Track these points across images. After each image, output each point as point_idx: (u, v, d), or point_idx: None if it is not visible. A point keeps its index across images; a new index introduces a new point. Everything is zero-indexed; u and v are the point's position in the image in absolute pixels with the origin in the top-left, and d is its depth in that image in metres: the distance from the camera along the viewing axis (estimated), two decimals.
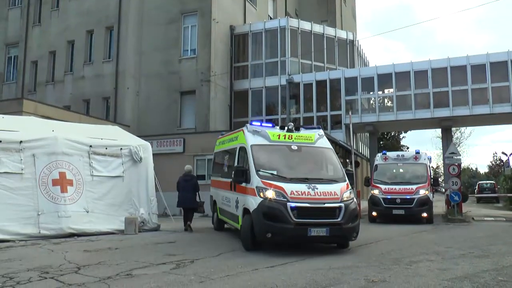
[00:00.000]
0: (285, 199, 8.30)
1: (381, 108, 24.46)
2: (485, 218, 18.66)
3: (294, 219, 8.15)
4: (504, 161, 34.63)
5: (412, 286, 6.00)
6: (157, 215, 13.50)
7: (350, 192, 8.82)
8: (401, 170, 16.73)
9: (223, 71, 24.29)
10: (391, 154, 17.50)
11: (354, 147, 23.96)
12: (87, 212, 11.70)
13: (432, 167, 19.20)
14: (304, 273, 6.80)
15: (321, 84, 24.68)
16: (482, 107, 22.22)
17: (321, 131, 10.11)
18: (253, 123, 10.07)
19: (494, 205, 32.75)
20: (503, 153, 32.36)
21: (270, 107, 25.20)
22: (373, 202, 15.80)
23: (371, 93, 24.79)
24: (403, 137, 44.55)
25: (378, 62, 70.94)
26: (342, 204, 8.46)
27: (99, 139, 12.80)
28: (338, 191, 8.60)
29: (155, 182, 13.56)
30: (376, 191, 15.81)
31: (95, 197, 12.06)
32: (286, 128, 9.72)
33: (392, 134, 45.45)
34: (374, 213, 15.75)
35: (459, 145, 49.42)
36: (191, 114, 23.48)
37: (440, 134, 30.71)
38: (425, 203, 15.04)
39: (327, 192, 8.50)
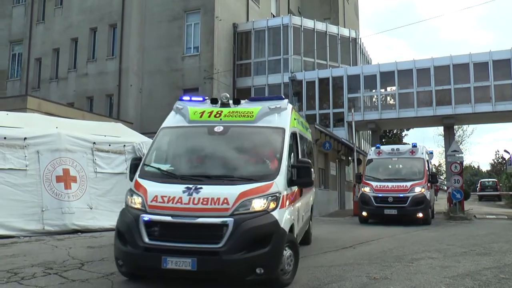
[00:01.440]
0: (142, 209, 5.53)
1: (383, 106, 24.52)
2: (487, 216, 18.76)
3: (145, 241, 5.28)
4: (506, 159, 34.66)
5: (414, 284, 5.99)
6: None
7: (268, 198, 5.47)
8: (395, 166, 15.59)
9: (226, 69, 24.38)
10: (386, 148, 16.20)
11: (357, 145, 24.06)
12: (91, 208, 11.67)
13: (432, 163, 18.45)
14: (306, 270, 6.77)
15: (323, 81, 24.77)
16: (484, 105, 22.24)
17: (279, 103, 6.71)
18: (183, 97, 7.18)
19: (496, 203, 32.94)
20: (505, 151, 32.42)
21: None
22: (363, 200, 14.48)
23: (374, 90, 24.84)
24: (405, 135, 44.66)
25: (381, 60, 70.93)
26: (230, 220, 5.16)
27: (102, 136, 12.79)
28: (233, 198, 5.29)
29: None
30: (367, 189, 14.51)
31: (99, 193, 12.04)
32: (219, 101, 6.68)
33: (395, 132, 45.49)
34: (364, 213, 14.47)
35: (461, 143, 49.58)
36: None
37: (442, 132, 30.81)
38: (421, 202, 13.77)
39: (212, 200, 5.31)
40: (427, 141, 71.14)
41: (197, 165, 6.36)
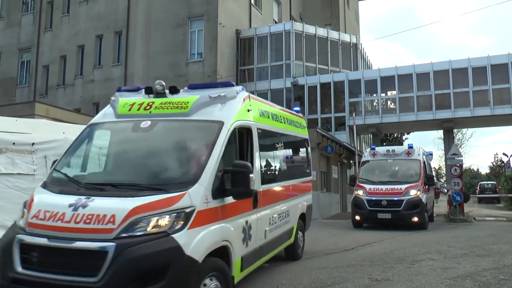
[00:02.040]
0: (22, 227, 4.40)
1: (384, 110, 24.77)
2: (487, 218, 18.78)
3: (16, 270, 4.09)
4: (505, 162, 34.85)
5: (415, 285, 6.05)
6: None
7: (172, 215, 4.14)
8: (391, 167, 14.85)
9: (229, 74, 24.71)
10: (381, 150, 15.54)
11: (358, 148, 24.37)
12: None
13: (429, 164, 17.66)
14: (309, 271, 6.88)
15: (325, 86, 25.04)
16: (483, 108, 22.42)
17: (223, 91, 5.40)
18: (122, 88, 6.13)
19: (495, 205, 32.92)
20: (504, 154, 32.57)
21: None
22: (356, 204, 13.82)
23: (374, 95, 25.10)
24: (406, 138, 44.86)
25: (380, 65, 71.12)
26: (111, 245, 3.88)
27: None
28: (122, 215, 4.00)
29: None
30: (360, 192, 13.88)
31: None
32: (155, 91, 5.51)
33: (395, 135, 45.71)
34: (357, 217, 13.85)
35: (460, 146, 49.75)
36: None
37: (442, 136, 30.93)
38: (416, 205, 13.10)
39: (96, 217, 4.04)
40: (427, 144, 71.10)
41: (110, 170, 5.35)
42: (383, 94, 25.18)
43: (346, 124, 24.55)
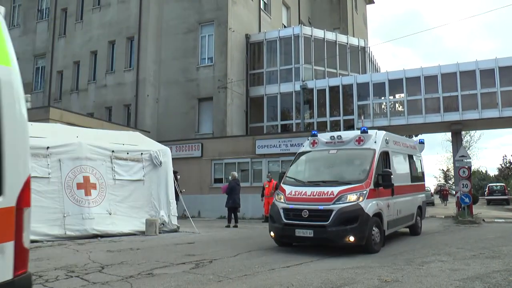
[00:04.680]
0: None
1: (392, 113, 24.84)
2: (496, 220, 18.85)
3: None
4: None
5: (424, 286, 6.05)
6: (177, 217, 13.90)
7: None
8: (331, 161, 10.45)
9: (239, 78, 25.05)
10: (324, 136, 11.03)
11: None
12: (110, 214, 12.06)
13: (418, 157, 13.73)
14: (319, 272, 6.92)
15: (334, 89, 25.16)
16: (491, 111, 22.38)
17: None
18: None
19: (504, 207, 32.89)
20: None
21: (285, 112, 25.79)
22: (271, 215, 9.75)
23: (383, 98, 25.22)
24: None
25: (387, 68, 71.07)
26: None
27: (120, 144, 13.17)
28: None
29: (175, 185, 13.99)
30: (280, 197, 9.72)
31: (117, 200, 12.40)
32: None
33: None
34: (271, 233, 9.73)
35: (469, 148, 49.49)
36: (208, 119, 24.29)
37: (450, 138, 30.91)
38: (352, 218, 8.73)
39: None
40: (435, 146, 70.96)
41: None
42: (391, 97, 25.28)
43: (355, 127, 24.60)
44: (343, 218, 8.70)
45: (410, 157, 12.57)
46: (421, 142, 14.07)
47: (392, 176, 9.61)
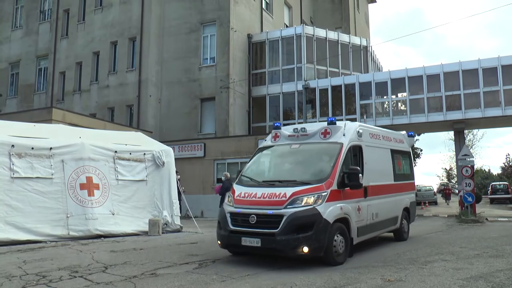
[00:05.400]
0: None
1: (394, 112, 24.80)
2: (499, 219, 18.76)
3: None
4: None
5: (428, 286, 6.05)
6: (180, 217, 13.93)
7: None
8: (292, 158, 9.08)
9: (241, 78, 25.05)
10: (287, 129, 9.58)
11: None
12: (113, 214, 12.09)
13: (407, 153, 12.25)
14: (322, 272, 6.92)
15: (336, 89, 25.16)
16: (494, 109, 22.31)
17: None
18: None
19: (508, 205, 32.80)
20: None
21: (287, 112, 25.81)
22: (218, 220, 8.45)
23: (385, 97, 25.16)
24: (416, 139, 44.72)
25: (390, 67, 70.99)
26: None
27: (123, 145, 13.21)
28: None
29: (177, 185, 14.02)
30: (229, 199, 8.41)
31: (120, 200, 12.42)
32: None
33: None
34: (219, 241, 8.33)
35: (471, 147, 49.50)
36: (211, 119, 24.30)
37: (453, 137, 30.84)
38: (307, 225, 7.37)
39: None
40: (438, 145, 70.85)
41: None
42: (393, 96, 25.22)
43: None
44: (295, 224, 7.33)
45: (395, 152, 11.03)
46: (411, 135, 12.53)
47: (360, 175, 8.12)
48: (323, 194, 7.63)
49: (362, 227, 8.70)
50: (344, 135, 8.74)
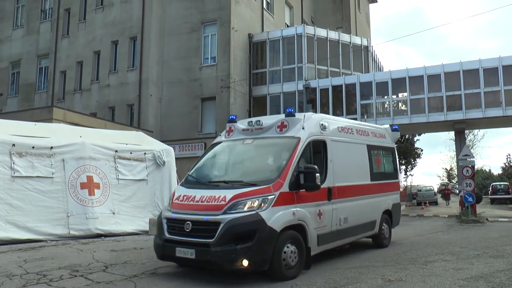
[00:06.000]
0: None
1: (395, 112, 24.78)
2: (499, 219, 18.77)
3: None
4: None
5: (428, 286, 6.06)
6: None
7: None
8: (244, 154, 8.07)
9: (242, 78, 25.06)
10: (242, 123, 8.38)
11: None
12: (113, 213, 12.13)
13: (390, 148, 11.04)
14: (323, 272, 6.94)
15: (337, 89, 25.14)
16: (494, 109, 22.28)
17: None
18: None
19: (508, 206, 32.91)
20: None
21: None
22: (156, 227, 7.36)
23: (386, 97, 25.14)
24: (417, 139, 44.75)
25: (390, 67, 71.02)
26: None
27: (124, 144, 13.23)
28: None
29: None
30: (168, 203, 7.55)
31: (121, 199, 12.46)
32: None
33: (406, 137, 45.51)
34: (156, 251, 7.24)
35: (472, 147, 49.45)
36: (211, 119, 24.28)
37: (454, 137, 30.83)
38: (247, 234, 6.27)
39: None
40: (439, 145, 70.78)
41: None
42: (394, 96, 25.22)
43: None
44: (232, 233, 6.23)
45: (374, 148, 9.80)
46: (395, 129, 11.17)
47: (317, 174, 6.86)
48: (269, 197, 6.50)
49: (325, 234, 7.49)
50: (303, 128, 7.56)
